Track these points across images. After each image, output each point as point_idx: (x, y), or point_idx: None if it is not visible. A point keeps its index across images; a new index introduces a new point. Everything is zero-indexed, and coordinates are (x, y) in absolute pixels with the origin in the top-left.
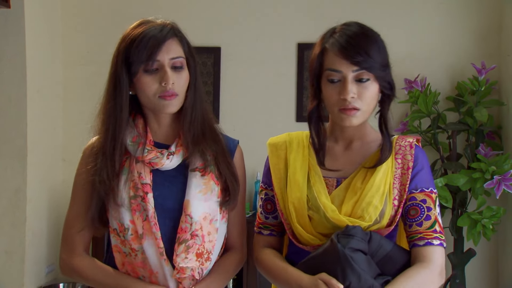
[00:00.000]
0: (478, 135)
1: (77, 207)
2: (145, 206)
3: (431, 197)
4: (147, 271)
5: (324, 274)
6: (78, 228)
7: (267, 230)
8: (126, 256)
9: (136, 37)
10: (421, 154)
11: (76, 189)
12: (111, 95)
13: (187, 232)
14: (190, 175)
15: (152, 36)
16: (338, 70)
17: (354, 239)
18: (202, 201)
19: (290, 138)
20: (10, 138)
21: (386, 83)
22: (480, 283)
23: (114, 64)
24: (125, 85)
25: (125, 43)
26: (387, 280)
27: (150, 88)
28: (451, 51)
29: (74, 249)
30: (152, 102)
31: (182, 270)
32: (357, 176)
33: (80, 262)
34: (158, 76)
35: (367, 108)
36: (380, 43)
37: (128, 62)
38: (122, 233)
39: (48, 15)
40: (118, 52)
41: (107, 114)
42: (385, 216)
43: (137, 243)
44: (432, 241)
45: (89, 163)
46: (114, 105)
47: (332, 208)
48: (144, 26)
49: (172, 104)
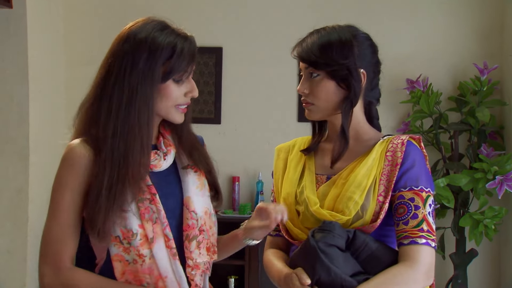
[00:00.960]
0: (480, 135)
1: (65, 217)
2: (155, 208)
3: (420, 195)
4: (154, 277)
5: (299, 269)
6: (67, 241)
7: (274, 231)
8: (128, 264)
9: (174, 44)
10: (413, 151)
11: (62, 198)
12: (131, 100)
13: (195, 228)
14: (184, 173)
15: (193, 46)
16: (300, 69)
17: (330, 235)
18: (200, 196)
19: (295, 142)
20: (12, 138)
21: (341, 80)
22: (482, 283)
23: (134, 67)
24: (152, 92)
25: (155, 47)
26: (367, 278)
27: (175, 97)
28: (453, 51)
29: (61, 263)
30: (166, 110)
31: (196, 266)
32: (343, 173)
33: (72, 276)
34: (184, 87)
35: (323, 103)
36: (335, 43)
37: (154, 67)
38: (127, 240)
39: (50, 15)
40: (138, 55)
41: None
42: (368, 211)
43: (145, 248)
44: (416, 240)
45: (86, 170)
46: (139, 115)
47: (315, 202)
48: (173, 32)
49: (183, 115)
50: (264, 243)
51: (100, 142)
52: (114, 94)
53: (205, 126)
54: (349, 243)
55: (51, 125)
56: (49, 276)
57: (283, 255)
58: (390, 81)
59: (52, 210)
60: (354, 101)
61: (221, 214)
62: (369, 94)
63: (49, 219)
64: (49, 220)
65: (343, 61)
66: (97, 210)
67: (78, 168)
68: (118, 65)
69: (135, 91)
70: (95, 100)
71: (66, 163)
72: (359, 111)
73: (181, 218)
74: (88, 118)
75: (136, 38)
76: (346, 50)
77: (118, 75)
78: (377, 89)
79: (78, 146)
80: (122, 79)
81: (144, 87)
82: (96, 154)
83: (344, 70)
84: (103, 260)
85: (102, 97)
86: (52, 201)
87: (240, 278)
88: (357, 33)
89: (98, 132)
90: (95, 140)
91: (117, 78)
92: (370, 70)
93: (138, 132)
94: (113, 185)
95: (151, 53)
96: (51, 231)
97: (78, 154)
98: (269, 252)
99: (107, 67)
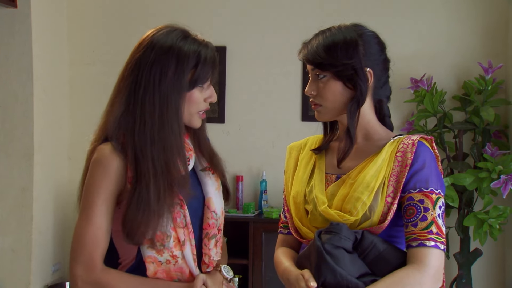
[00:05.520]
0: (484, 135)
1: (99, 219)
2: (184, 213)
3: (430, 197)
4: (185, 275)
5: (306, 270)
6: (100, 243)
7: (286, 229)
8: (161, 264)
9: (198, 52)
10: (424, 152)
11: (96, 200)
12: (163, 109)
13: (214, 227)
14: (202, 175)
15: (214, 52)
16: (307, 71)
17: (336, 236)
18: (218, 197)
19: (307, 140)
20: (16, 137)
21: (348, 80)
22: (487, 282)
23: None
24: (180, 101)
25: (182, 56)
26: (374, 279)
27: (198, 103)
28: (457, 50)
29: (95, 264)
30: (189, 116)
31: (211, 263)
32: (353, 173)
33: (106, 276)
34: (205, 92)
35: (330, 104)
36: (340, 43)
37: (182, 77)
38: (160, 242)
39: (54, 15)
40: (167, 65)
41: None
42: (376, 212)
43: (178, 249)
44: (425, 242)
45: (119, 174)
46: (172, 124)
47: (323, 201)
48: (196, 41)
49: (201, 120)
50: (272, 241)
51: (137, 150)
52: (146, 103)
53: (209, 125)
54: (356, 244)
55: (56, 124)
56: (83, 277)
57: (292, 254)
58: (394, 80)
59: (85, 211)
60: (361, 101)
61: (225, 213)
62: (378, 92)
63: (82, 221)
64: (82, 221)
65: (348, 61)
66: (137, 221)
67: (111, 172)
68: (147, 74)
69: (166, 100)
70: (126, 107)
71: (99, 166)
72: (368, 110)
73: (202, 218)
74: (118, 125)
75: (163, 47)
76: (351, 50)
77: (148, 84)
78: (387, 87)
79: (110, 149)
80: (153, 88)
81: (174, 96)
82: (125, 158)
83: (350, 70)
84: (132, 260)
85: (133, 105)
86: (85, 202)
87: (244, 278)
88: (363, 32)
89: (130, 139)
90: (126, 146)
91: (147, 87)
92: (378, 68)
93: (174, 140)
94: (155, 195)
95: (179, 62)
96: (84, 233)
97: (111, 157)
98: (280, 250)
99: (135, 75)
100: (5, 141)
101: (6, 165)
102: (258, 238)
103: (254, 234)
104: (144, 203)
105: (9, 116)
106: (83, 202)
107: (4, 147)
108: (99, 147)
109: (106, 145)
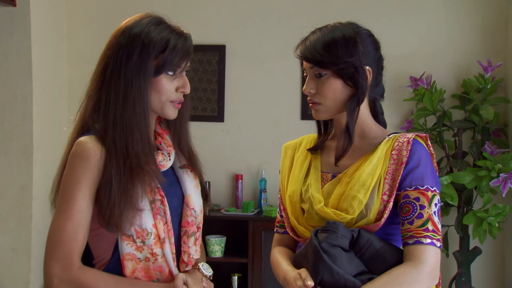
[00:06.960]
0: (484, 133)
1: (78, 215)
2: (165, 209)
3: (425, 195)
4: (164, 274)
5: (303, 270)
6: (79, 240)
7: (282, 228)
8: (140, 262)
9: (167, 39)
10: (419, 150)
11: (75, 195)
12: (127, 92)
13: (193, 225)
14: (181, 172)
15: (188, 43)
16: (304, 69)
17: (333, 235)
18: (197, 195)
19: (302, 139)
20: (16, 136)
21: (348, 78)
22: (486, 281)
23: (129, 60)
24: (146, 85)
25: (149, 41)
26: (371, 277)
27: (168, 92)
28: (457, 49)
29: (72, 262)
30: (160, 105)
31: (190, 261)
32: (348, 171)
33: (83, 275)
34: (176, 82)
35: (330, 102)
36: (340, 40)
37: (147, 61)
38: (141, 239)
39: (53, 13)
40: (133, 49)
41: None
42: (372, 210)
43: (158, 247)
44: (421, 240)
45: (98, 167)
46: (135, 107)
47: (320, 200)
48: (168, 28)
49: (177, 111)
50: (272, 240)
51: (102, 133)
52: (112, 86)
53: (208, 124)
54: (353, 242)
55: (55, 123)
56: (59, 276)
57: (289, 253)
58: (394, 79)
59: (63, 207)
60: (361, 99)
61: (225, 212)
62: (374, 91)
63: (60, 215)
64: (60, 216)
65: (349, 59)
66: (112, 203)
67: (90, 165)
68: (114, 58)
69: (130, 83)
70: (94, 92)
71: (78, 159)
72: (364, 108)
73: (181, 216)
74: (89, 110)
75: (131, 32)
76: (351, 47)
77: (114, 68)
78: (381, 85)
79: (89, 142)
80: (118, 71)
81: (138, 80)
82: (105, 149)
83: (351, 67)
84: (107, 261)
85: (100, 89)
86: (63, 197)
87: (244, 276)
88: (359, 30)
89: (100, 124)
90: (102, 135)
91: (113, 70)
92: (374, 67)
93: (136, 123)
94: (121, 176)
95: (144, 46)
96: (63, 228)
97: (90, 150)
98: (276, 250)
99: (104, 60)
100: (4, 140)
101: (5, 164)
102: (257, 237)
103: (253, 232)
104: (110, 189)
105: (8, 115)
106: (61, 196)
107: (3, 146)
108: (78, 140)
109: (85, 137)
